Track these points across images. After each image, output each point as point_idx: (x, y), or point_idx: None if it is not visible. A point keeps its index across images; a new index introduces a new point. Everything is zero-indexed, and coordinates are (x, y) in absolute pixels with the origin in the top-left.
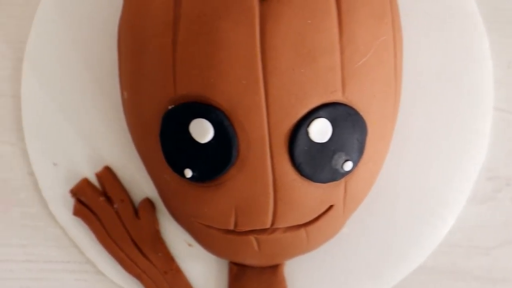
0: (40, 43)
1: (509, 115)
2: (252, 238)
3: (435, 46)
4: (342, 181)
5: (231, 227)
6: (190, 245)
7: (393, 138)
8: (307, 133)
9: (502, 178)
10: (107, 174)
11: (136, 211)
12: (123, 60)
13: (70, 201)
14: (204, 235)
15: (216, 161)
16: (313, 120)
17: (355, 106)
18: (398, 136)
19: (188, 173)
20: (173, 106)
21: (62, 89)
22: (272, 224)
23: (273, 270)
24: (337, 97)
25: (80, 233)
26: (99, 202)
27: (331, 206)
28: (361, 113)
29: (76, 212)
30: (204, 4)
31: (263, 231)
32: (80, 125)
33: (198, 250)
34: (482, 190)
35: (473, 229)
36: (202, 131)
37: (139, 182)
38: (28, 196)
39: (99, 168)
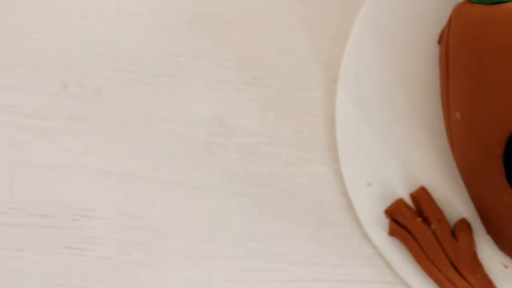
0: (354, 64)
1: None
2: None
3: None
4: None
5: None
6: (506, 266)
7: None
8: None
9: None
10: (423, 194)
11: (452, 232)
12: (455, 80)
13: (384, 221)
14: None
15: None
16: None
17: None
18: None
19: None
20: None
21: (376, 109)
22: None
23: None
24: None
25: (393, 253)
26: (415, 223)
27: None
28: None
29: (392, 232)
30: None
31: None
32: (394, 145)
33: None
34: None
35: None
36: None
37: (453, 203)
38: (341, 216)
39: (412, 188)
